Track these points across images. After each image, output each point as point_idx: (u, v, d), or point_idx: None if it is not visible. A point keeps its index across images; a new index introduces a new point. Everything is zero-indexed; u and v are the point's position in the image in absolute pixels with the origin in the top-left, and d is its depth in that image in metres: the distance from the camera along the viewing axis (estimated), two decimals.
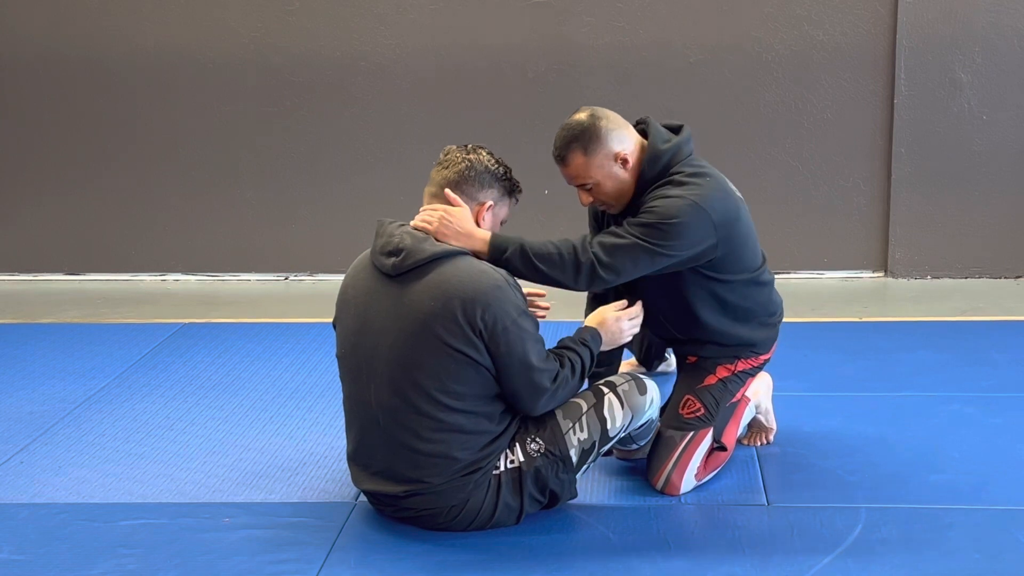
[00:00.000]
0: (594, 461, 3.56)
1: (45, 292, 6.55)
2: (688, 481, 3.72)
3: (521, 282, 3.49)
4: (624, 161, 3.61)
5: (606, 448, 3.57)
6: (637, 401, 3.56)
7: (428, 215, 3.45)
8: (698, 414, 3.74)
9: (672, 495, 3.71)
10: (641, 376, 3.63)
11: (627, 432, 3.59)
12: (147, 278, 6.76)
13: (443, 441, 3.36)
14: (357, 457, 3.54)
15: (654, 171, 3.63)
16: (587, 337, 3.57)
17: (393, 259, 3.37)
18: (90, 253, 6.78)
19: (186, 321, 5.82)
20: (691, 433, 3.72)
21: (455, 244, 3.42)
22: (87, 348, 5.37)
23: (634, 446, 3.74)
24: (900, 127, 6.32)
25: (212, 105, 6.60)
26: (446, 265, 3.35)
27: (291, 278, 6.73)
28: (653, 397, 3.60)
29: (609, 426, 3.52)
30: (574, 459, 3.49)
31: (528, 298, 3.56)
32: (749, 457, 3.97)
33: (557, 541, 3.42)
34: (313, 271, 6.71)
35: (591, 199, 3.70)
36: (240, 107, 6.59)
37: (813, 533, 3.44)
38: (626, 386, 3.57)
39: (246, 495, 3.80)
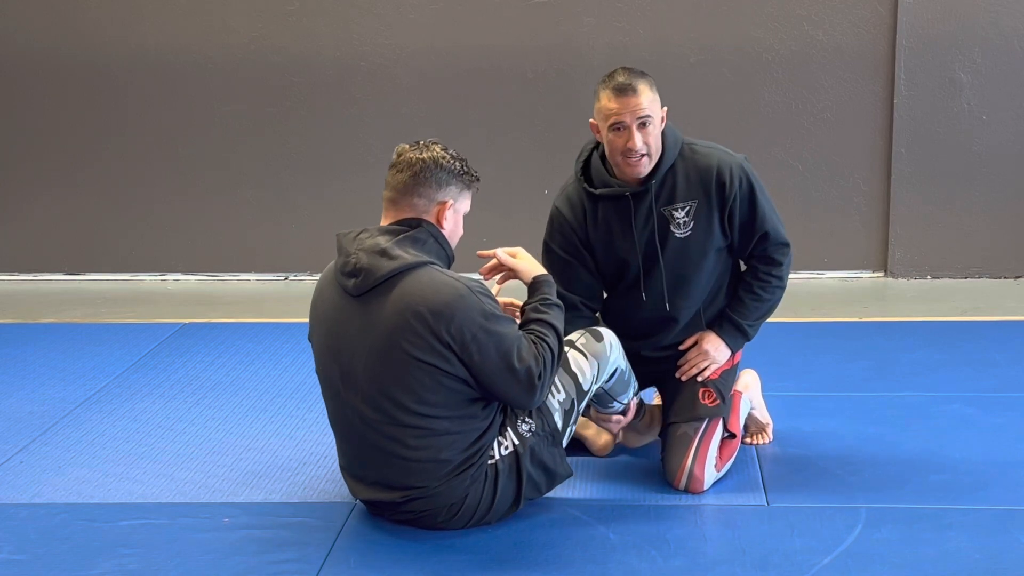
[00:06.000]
0: (575, 423, 3.58)
1: (45, 292, 6.55)
2: (709, 473, 3.72)
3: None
4: (662, 119, 3.71)
5: (583, 404, 3.58)
6: (596, 348, 3.58)
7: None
8: (717, 402, 3.80)
9: (696, 491, 3.70)
10: (594, 327, 3.67)
11: (599, 384, 3.60)
12: (147, 278, 6.76)
13: (430, 446, 3.35)
14: (350, 469, 3.54)
15: (676, 139, 3.76)
16: (545, 292, 3.51)
17: (353, 280, 3.36)
18: (90, 253, 6.78)
19: (186, 321, 5.82)
20: (703, 425, 3.75)
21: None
22: (87, 348, 5.37)
23: (616, 404, 3.73)
24: (900, 127, 6.32)
25: (212, 105, 6.59)
26: (407, 279, 3.31)
27: (291, 278, 6.73)
28: (611, 341, 3.62)
29: (581, 380, 3.55)
30: (559, 424, 3.51)
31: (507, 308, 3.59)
32: (749, 457, 3.97)
33: (557, 541, 3.42)
34: (313, 271, 6.70)
35: (642, 141, 3.63)
36: (240, 107, 6.58)
37: (813, 533, 3.43)
38: (583, 339, 3.60)
39: (246, 495, 3.80)
